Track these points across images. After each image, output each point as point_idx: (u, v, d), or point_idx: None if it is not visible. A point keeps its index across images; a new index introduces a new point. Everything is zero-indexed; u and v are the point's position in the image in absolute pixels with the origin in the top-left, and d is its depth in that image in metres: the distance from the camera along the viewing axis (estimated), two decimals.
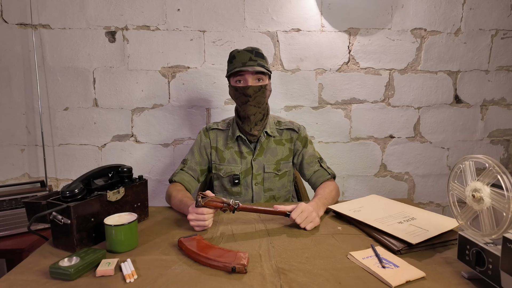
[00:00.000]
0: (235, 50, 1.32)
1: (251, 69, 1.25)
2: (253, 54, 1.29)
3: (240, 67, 1.26)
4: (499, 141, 2.11)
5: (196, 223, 1.03)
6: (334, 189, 1.30)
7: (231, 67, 1.30)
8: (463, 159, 0.80)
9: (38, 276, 0.79)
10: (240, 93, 1.28)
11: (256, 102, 1.29)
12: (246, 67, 1.25)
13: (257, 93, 1.28)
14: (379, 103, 2.02)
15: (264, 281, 0.76)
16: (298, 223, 1.04)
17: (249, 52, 1.29)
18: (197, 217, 1.02)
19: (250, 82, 1.27)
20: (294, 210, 1.05)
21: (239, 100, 1.31)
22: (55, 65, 1.87)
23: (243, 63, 1.27)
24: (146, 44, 1.88)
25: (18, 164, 1.94)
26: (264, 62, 1.30)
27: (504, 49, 2.01)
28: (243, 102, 1.30)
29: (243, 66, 1.26)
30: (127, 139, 1.97)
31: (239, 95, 1.29)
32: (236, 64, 1.28)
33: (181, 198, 1.20)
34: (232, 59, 1.30)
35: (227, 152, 1.40)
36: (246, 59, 1.27)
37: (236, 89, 1.29)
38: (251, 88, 1.26)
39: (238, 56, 1.29)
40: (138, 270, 0.81)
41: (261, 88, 1.28)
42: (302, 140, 1.43)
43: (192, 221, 1.03)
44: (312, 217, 1.05)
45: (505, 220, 0.67)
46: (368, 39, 1.95)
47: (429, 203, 2.15)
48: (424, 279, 0.77)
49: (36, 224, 1.32)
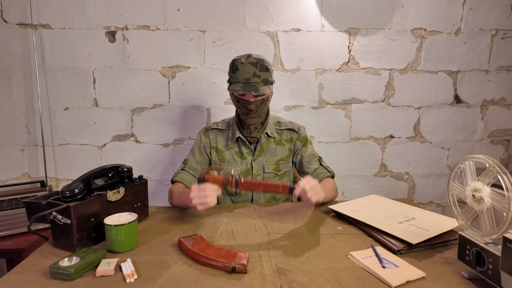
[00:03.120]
0: (238, 61, 1.24)
1: (254, 92, 1.20)
2: (258, 68, 1.22)
3: (243, 85, 1.21)
4: (499, 141, 2.11)
5: (198, 200, 1.00)
6: (334, 185, 1.32)
7: (233, 79, 1.24)
8: (463, 159, 0.80)
9: (38, 276, 0.79)
10: (242, 105, 1.27)
11: (257, 114, 1.28)
12: (249, 85, 1.21)
13: (259, 107, 1.26)
14: (379, 103, 2.02)
15: (264, 281, 0.76)
16: (307, 190, 1.00)
17: (254, 66, 1.21)
18: (199, 194, 1.00)
19: (253, 97, 1.24)
20: (301, 180, 1.03)
21: (240, 111, 1.30)
22: (55, 65, 1.87)
23: (246, 79, 1.21)
24: (146, 44, 1.88)
25: (18, 164, 1.94)
26: (268, 75, 1.24)
27: (504, 49, 2.01)
28: (244, 113, 1.29)
29: (246, 82, 1.21)
30: (127, 139, 1.97)
31: (240, 106, 1.28)
32: (239, 78, 1.22)
33: (182, 191, 1.21)
34: (234, 70, 1.24)
35: (227, 152, 1.40)
36: (250, 74, 1.21)
37: (238, 100, 1.27)
38: (253, 104, 1.24)
39: (241, 69, 1.22)
40: (138, 270, 0.81)
41: (263, 101, 1.26)
42: (302, 140, 1.43)
43: (194, 198, 1.01)
44: (319, 190, 1.03)
45: (505, 220, 0.67)
46: (368, 39, 1.95)
47: (429, 203, 2.15)
48: (424, 279, 0.77)
49: (36, 224, 1.32)
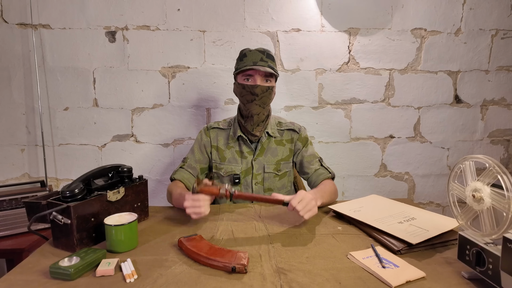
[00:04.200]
0: (246, 49, 1.33)
1: (262, 69, 1.25)
2: (265, 55, 1.29)
3: (251, 66, 1.26)
4: (499, 141, 2.11)
5: (192, 210, 1.01)
6: (333, 187, 1.31)
7: (241, 65, 1.30)
8: (463, 159, 0.80)
9: (38, 276, 0.79)
10: (247, 91, 1.28)
11: (261, 102, 1.29)
12: (257, 66, 1.26)
13: (264, 93, 1.28)
14: (379, 103, 2.02)
15: (264, 281, 0.76)
16: (298, 210, 1.01)
17: (261, 53, 1.30)
18: (193, 204, 1.01)
19: (259, 81, 1.27)
20: (294, 197, 1.02)
21: (244, 98, 1.31)
22: (55, 65, 1.87)
23: (254, 62, 1.27)
24: (146, 44, 1.88)
25: (18, 164, 1.94)
26: (274, 64, 1.31)
27: (504, 49, 2.01)
28: (248, 101, 1.30)
29: (254, 65, 1.26)
30: (127, 139, 1.97)
31: (245, 93, 1.29)
32: (247, 63, 1.28)
33: (180, 192, 1.21)
34: (242, 57, 1.31)
35: (228, 151, 1.40)
36: (258, 59, 1.28)
37: (244, 87, 1.29)
38: (259, 88, 1.27)
39: (250, 55, 1.29)
40: (138, 270, 0.81)
41: (269, 89, 1.29)
42: (303, 141, 1.43)
43: (188, 208, 1.01)
44: (311, 206, 1.03)
45: (505, 220, 0.67)
46: (368, 39, 1.95)
47: (429, 203, 2.15)
48: (424, 279, 0.77)
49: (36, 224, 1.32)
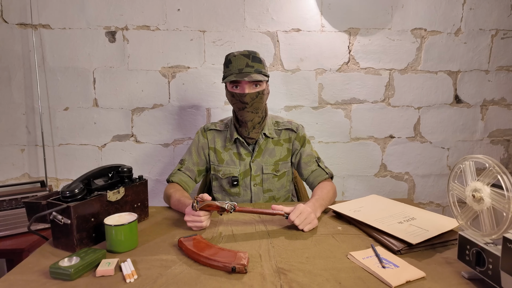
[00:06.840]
0: (231, 54, 1.27)
1: (247, 78, 1.21)
2: (250, 59, 1.24)
3: (236, 75, 1.22)
4: (499, 141, 2.11)
5: (193, 224, 1.04)
6: (332, 189, 1.30)
7: (227, 72, 1.26)
8: (463, 159, 0.80)
9: (38, 276, 0.79)
10: (236, 99, 1.26)
11: (253, 108, 1.27)
12: (242, 74, 1.22)
13: (254, 100, 1.26)
14: (379, 103, 2.02)
15: (264, 281, 0.76)
16: (296, 224, 1.03)
17: (246, 57, 1.24)
18: (193, 219, 1.03)
19: (247, 89, 1.24)
20: (293, 211, 1.04)
21: (235, 106, 1.29)
22: (55, 65, 1.87)
23: (239, 70, 1.23)
24: (146, 44, 1.88)
25: (18, 164, 1.94)
26: (261, 66, 1.26)
27: (504, 49, 2.01)
28: (240, 108, 1.28)
29: (239, 73, 1.22)
30: (127, 139, 1.97)
31: (235, 101, 1.28)
32: (233, 70, 1.24)
33: (179, 197, 1.22)
34: (228, 64, 1.26)
35: (225, 153, 1.40)
36: (243, 64, 1.23)
37: (233, 95, 1.27)
38: (248, 96, 1.24)
39: (234, 61, 1.24)
40: (138, 270, 0.81)
41: (259, 94, 1.26)
42: (300, 140, 1.42)
43: (189, 222, 1.04)
44: (311, 219, 1.05)
45: (505, 220, 0.67)
46: (368, 39, 1.95)
47: (429, 203, 2.15)
48: (424, 279, 0.77)
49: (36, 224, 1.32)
